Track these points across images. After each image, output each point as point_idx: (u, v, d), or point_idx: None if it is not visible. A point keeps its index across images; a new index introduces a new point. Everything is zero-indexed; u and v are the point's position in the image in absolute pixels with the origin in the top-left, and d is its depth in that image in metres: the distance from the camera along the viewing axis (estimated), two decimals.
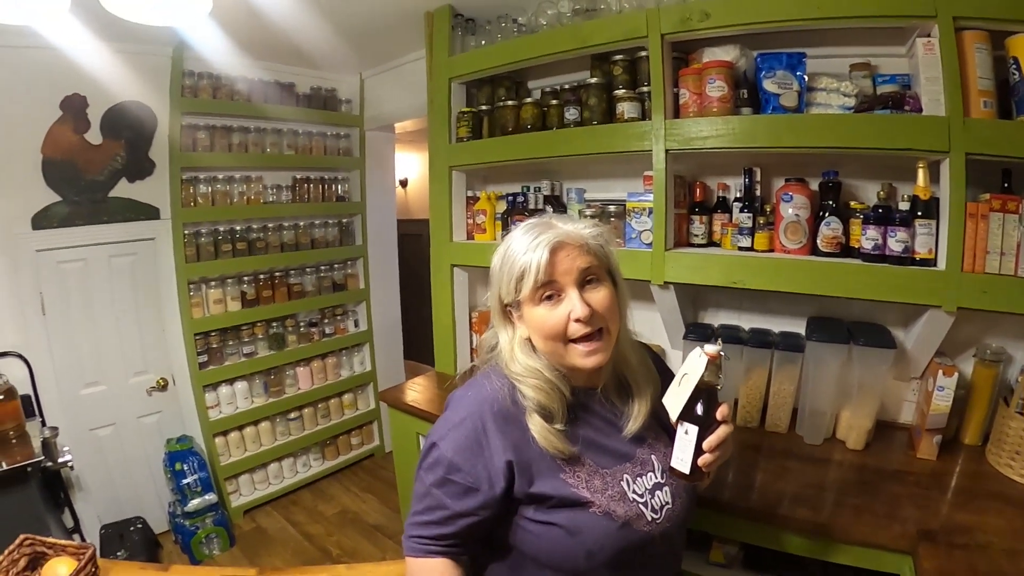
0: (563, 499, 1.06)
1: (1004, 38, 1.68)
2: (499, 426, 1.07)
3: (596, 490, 1.08)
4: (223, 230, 3.39)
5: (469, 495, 1.04)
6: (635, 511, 1.08)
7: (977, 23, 1.67)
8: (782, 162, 2.12)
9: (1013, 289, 1.65)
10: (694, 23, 1.94)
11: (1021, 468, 1.71)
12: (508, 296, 1.11)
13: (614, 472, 1.11)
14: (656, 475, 1.15)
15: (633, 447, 1.16)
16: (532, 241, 1.07)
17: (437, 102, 2.67)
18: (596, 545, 1.04)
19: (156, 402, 3.31)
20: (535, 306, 1.09)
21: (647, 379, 1.22)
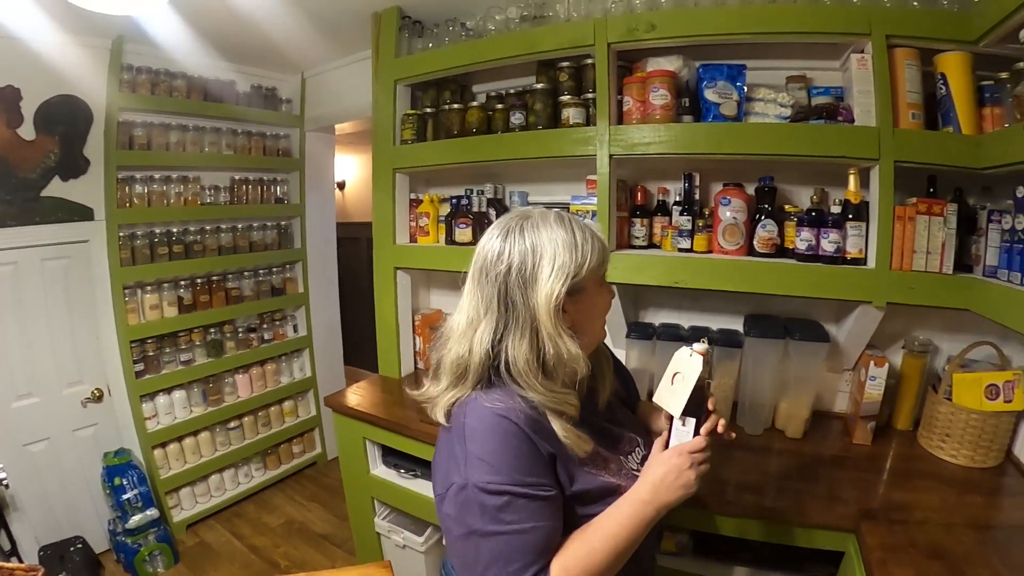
0: (601, 491, 1.09)
1: (933, 55, 1.82)
2: (536, 434, 1.03)
3: (614, 474, 1.13)
4: (159, 232, 3.27)
5: (547, 503, 1.01)
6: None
7: (908, 41, 1.80)
8: (721, 168, 2.22)
9: (938, 285, 1.79)
10: (640, 33, 2.00)
11: (951, 449, 1.85)
12: (590, 272, 1.10)
13: (616, 452, 1.18)
14: (641, 447, 1.24)
15: (616, 428, 1.25)
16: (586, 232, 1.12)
17: (382, 104, 2.66)
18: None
19: (92, 414, 3.17)
20: (602, 286, 1.15)
21: (607, 356, 1.33)
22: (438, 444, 1.16)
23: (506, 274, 1.07)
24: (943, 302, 1.80)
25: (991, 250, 1.70)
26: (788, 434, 2.07)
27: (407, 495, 2.46)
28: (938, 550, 1.39)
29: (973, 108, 1.76)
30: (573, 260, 1.06)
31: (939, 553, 1.38)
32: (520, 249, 1.07)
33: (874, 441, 2.00)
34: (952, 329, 2.07)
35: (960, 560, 1.35)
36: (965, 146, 1.75)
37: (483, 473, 0.99)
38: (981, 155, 1.71)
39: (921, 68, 1.83)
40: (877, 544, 1.43)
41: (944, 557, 1.36)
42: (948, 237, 1.77)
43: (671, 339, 2.16)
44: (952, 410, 1.84)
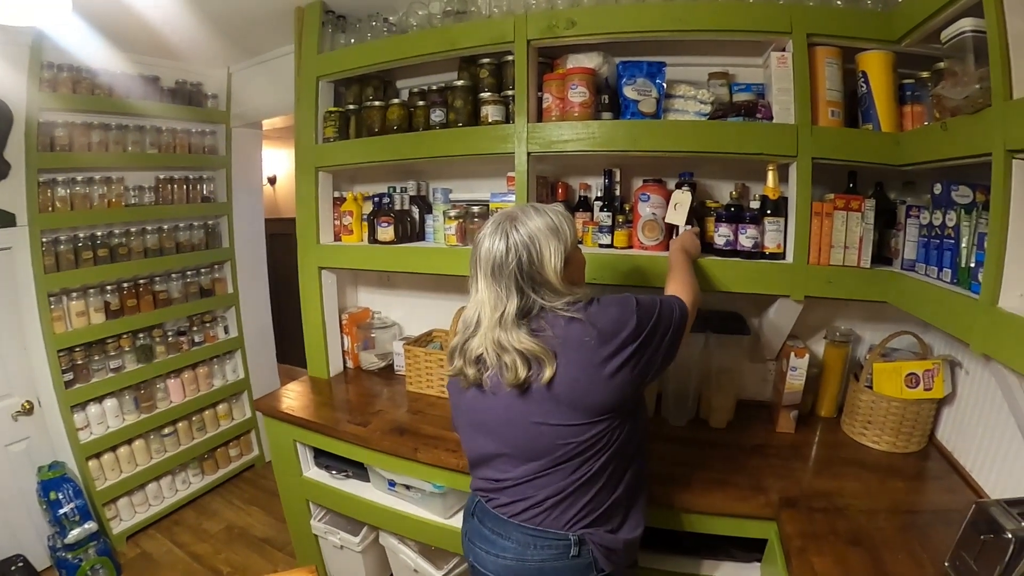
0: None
1: (855, 54, 1.84)
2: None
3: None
4: (84, 236, 3.14)
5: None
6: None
7: (830, 40, 1.83)
8: (641, 163, 2.23)
9: (856, 279, 1.83)
10: (560, 30, 1.99)
11: (874, 435, 1.92)
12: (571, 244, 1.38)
13: None
14: None
15: None
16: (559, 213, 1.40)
17: (304, 101, 2.60)
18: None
19: (23, 427, 3.04)
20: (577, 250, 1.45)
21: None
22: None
23: (518, 266, 1.31)
24: (861, 295, 1.84)
25: (909, 244, 1.76)
26: (712, 424, 2.12)
27: (340, 496, 2.44)
28: (858, 536, 1.44)
29: (894, 106, 1.80)
30: (560, 239, 1.34)
31: (859, 539, 1.42)
32: (523, 243, 1.31)
33: (797, 429, 2.05)
34: (874, 318, 2.13)
35: (880, 545, 1.40)
36: (884, 143, 1.79)
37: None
38: (900, 152, 1.76)
39: (842, 66, 1.86)
40: (797, 532, 1.47)
41: (864, 543, 1.41)
42: (866, 232, 1.81)
43: None
44: (873, 398, 1.90)
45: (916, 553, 1.36)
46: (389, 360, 2.91)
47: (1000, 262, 1.26)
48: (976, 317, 1.33)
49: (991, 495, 1.59)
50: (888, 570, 1.31)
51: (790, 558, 1.40)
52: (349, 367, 2.95)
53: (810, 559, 1.36)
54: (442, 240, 2.37)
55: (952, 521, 1.34)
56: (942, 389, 1.82)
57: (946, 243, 1.54)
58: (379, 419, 2.31)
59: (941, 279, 1.55)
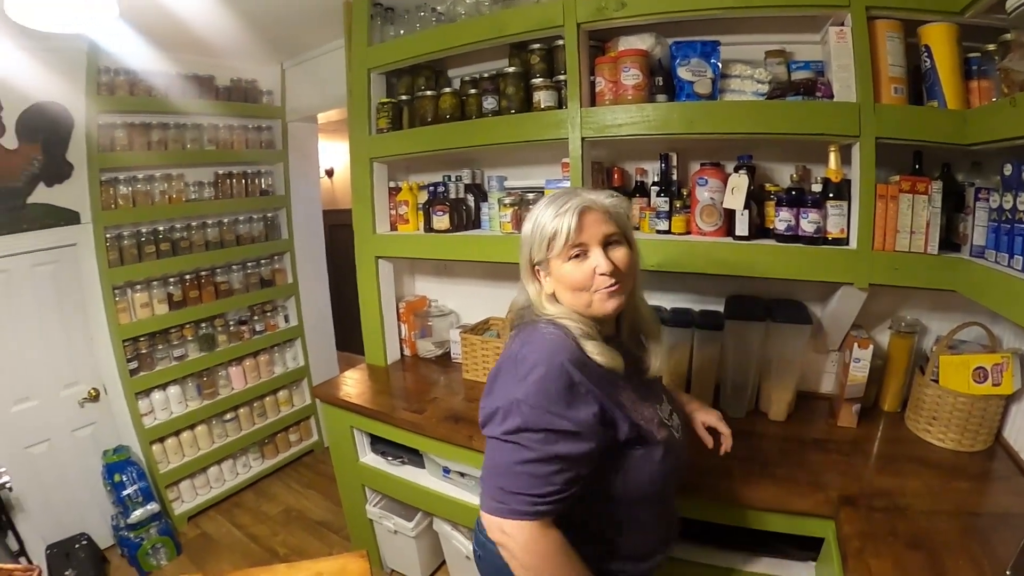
0: (637, 438, 1.20)
1: (917, 26, 1.74)
2: (580, 371, 1.14)
3: (648, 420, 1.24)
4: (146, 231, 3.27)
5: (577, 440, 1.10)
6: (670, 432, 1.29)
7: (889, 12, 1.73)
8: (698, 147, 2.17)
9: (923, 265, 1.73)
10: (610, 12, 1.95)
11: (939, 432, 1.81)
12: (539, 255, 1.24)
13: (652, 402, 1.30)
14: (668, 403, 1.38)
15: (651, 385, 1.38)
16: (562, 207, 1.20)
17: (356, 93, 2.62)
18: (663, 469, 1.24)
19: (89, 413, 3.19)
20: (564, 262, 1.21)
21: (659, 329, 1.42)
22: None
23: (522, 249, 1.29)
24: (928, 283, 1.74)
25: (979, 229, 1.64)
26: (771, 416, 2.06)
27: (396, 482, 2.48)
28: (918, 538, 1.37)
29: (959, 81, 1.69)
30: (526, 245, 1.27)
31: (919, 542, 1.35)
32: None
33: (859, 423, 1.97)
34: (941, 309, 2.03)
35: (940, 549, 1.32)
36: (951, 121, 1.68)
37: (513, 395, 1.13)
38: (968, 131, 1.65)
39: (904, 40, 1.76)
40: (855, 532, 1.41)
41: (924, 546, 1.34)
42: (933, 216, 1.71)
43: None
44: (939, 393, 1.80)
45: (977, 559, 1.29)
46: (446, 348, 2.93)
47: None
48: None
49: None
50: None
51: (847, 559, 1.34)
52: (406, 355, 2.98)
53: (867, 561, 1.30)
54: (497, 228, 2.36)
55: (1016, 526, 1.29)
56: (1011, 384, 1.71)
57: (1017, 228, 1.42)
58: (435, 406, 2.33)
59: (1012, 266, 1.44)
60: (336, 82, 3.02)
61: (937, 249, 1.73)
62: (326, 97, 3.50)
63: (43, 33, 1.99)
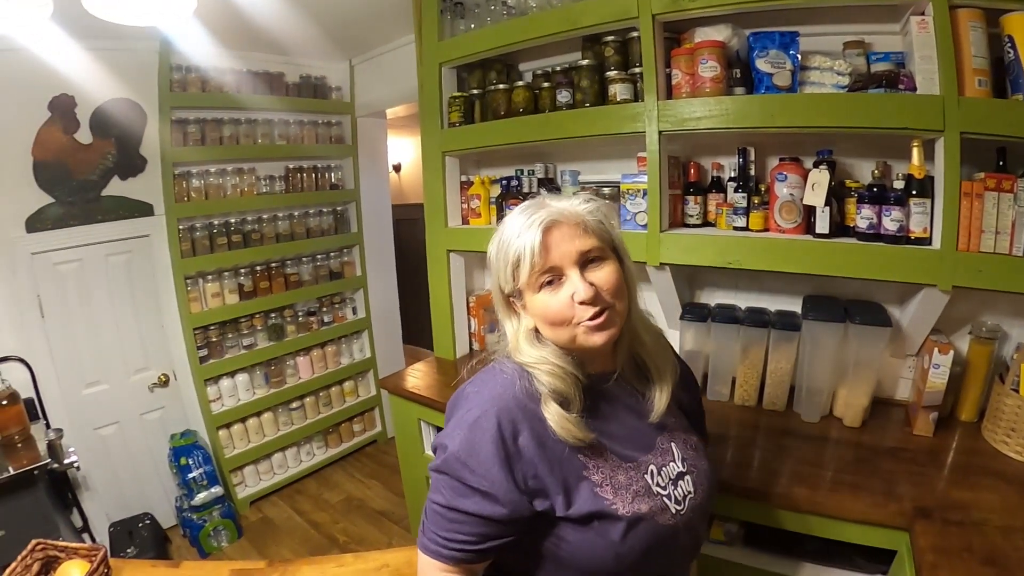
0: (594, 513, 0.99)
1: (999, 16, 1.66)
2: (517, 430, 0.98)
3: (620, 487, 1.02)
4: (218, 223, 3.38)
5: (485, 500, 0.95)
6: (659, 505, 1.03)
7: (971, 1, 1.65)
8: (776, 141, 2.11)
9: (1008, 268, 1.64)
10: (685, 3, 1.91)
11: (1017, 445, 1.72)
12: (507, 285, 1.05)
13: (638, 465, 1.06)
14: (678, 464, 1.11)
15: (655, 435, 1.12)
16: (524, 223, 1.00)
17: (428, 87, 2.64)
18: (625, 547, 0.99)
19: (158, 398, 3.33)
20: (535, 293, 1.02)
21: (665, 360, 1.17)
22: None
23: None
24: (1013, 287, 1.65)
25: None
26: (846, 422, 1.99)
27: None
28: (994, 556, 1.30)
29: None
30: (491, 270, 1.10)
31: (994, 559, 1.29)
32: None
33: (936, 433, 1.88)
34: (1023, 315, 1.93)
35: (1015, 567, 1.26)
36: None
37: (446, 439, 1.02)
38: None
39: (987, 30, 1.67)
40: (930, 546, 1.35)
41: (998, 563, 1.27)
42: (1019, 216, 1.63)
43: (726, 321, 2.11)
44: (1019, 403, 1.71)
45: None
46: None
47: None
48: None
49: None
50: None
51: (921, 573, 1.28)
52: (475, 349, 2.98)
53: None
54: None
55: None
56: None
57: None
58: None
59: None
60: (404, 77, 3.06)
61: (1023, 251, 1.64)
62: (394, 92, 3.56)
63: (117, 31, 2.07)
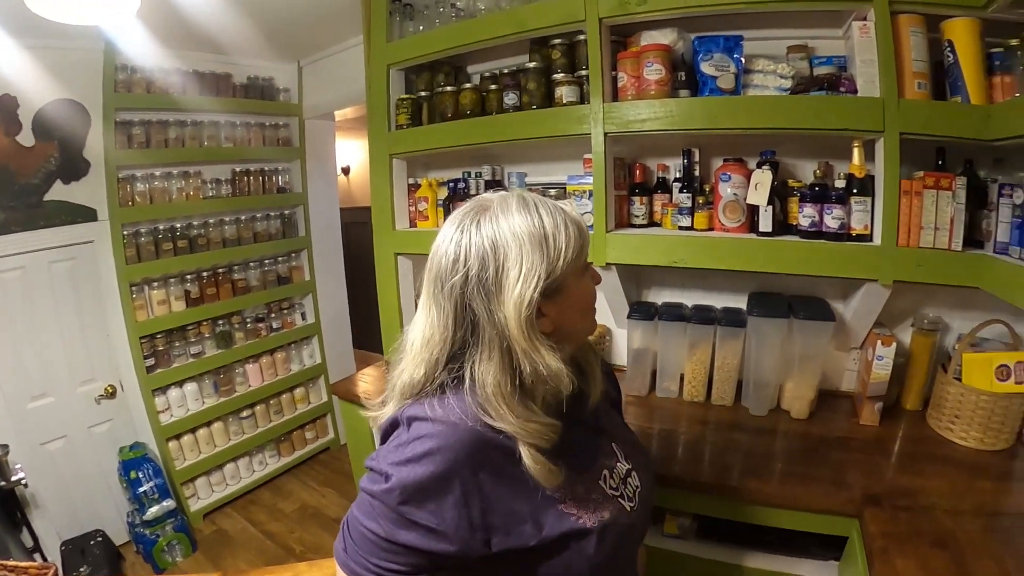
0: (567, 535, 0.93)
1: (939, 21, 1.73)
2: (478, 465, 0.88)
3: (580, 498, 0.97)
4: (163, 228, 3.29)
5: (431, 536, 0.86)
6: (617, 506, 1.01)
7: (912, 7, 1.72)
8: (720, 143, 2.15)
9: (947, 262, 1.72)
10: (632, 7, 1.94)
11: (961, 431, 1.79)
12: (571, 265, 0.93)
13: (592, 472, 1.03)
14: (623, 462, 1.10)
15: (597, 439, 1.10)
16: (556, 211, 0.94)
17: (375, 89, 2.62)
18: (600, 556, 0.95)
19: (106, 410, 3.22)
20: (582, 276, 0.98)
21: (593, 350, 1.16)
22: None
23: (463, 283, 0.89)
24: (952, 280, 1.73)
25: (1002, 226, 1.63)
26: (793, 415, 2.04)
27: None
28: (943, 538, 1.35)
29: (982, 76, 1.68)
30: (545, 256, 0.89)
31: (944, 542, 1.34)
32: (479, 251, 0.89)
33: (881, 422, 1.94)
34: (963, 306, 2.00)
35: (965, 549, 1.31)
36: (974, 117, 1.67)
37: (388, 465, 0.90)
38: (991, 126, 1.63)
39: (927, 35, 1.75)
40: (879, 531, 1.39)
41: (948, 546, 1.32)
42: (957, 212, 1.70)
43: (673, 319, 2.14)
44: (961, 391, 1.78)
45: (1002, 560, 1.27)
46: None
47: None
48: None
49: None
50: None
51: (872, 559, 1.33)
52: None
53: (893, 561, 1.29)
54: None
55: None
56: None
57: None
58: None
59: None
60: (353, 79, 3.03)
61: (961, 246, 1.71)
62: (343, 94, 3.52)
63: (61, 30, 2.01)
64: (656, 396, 2.25)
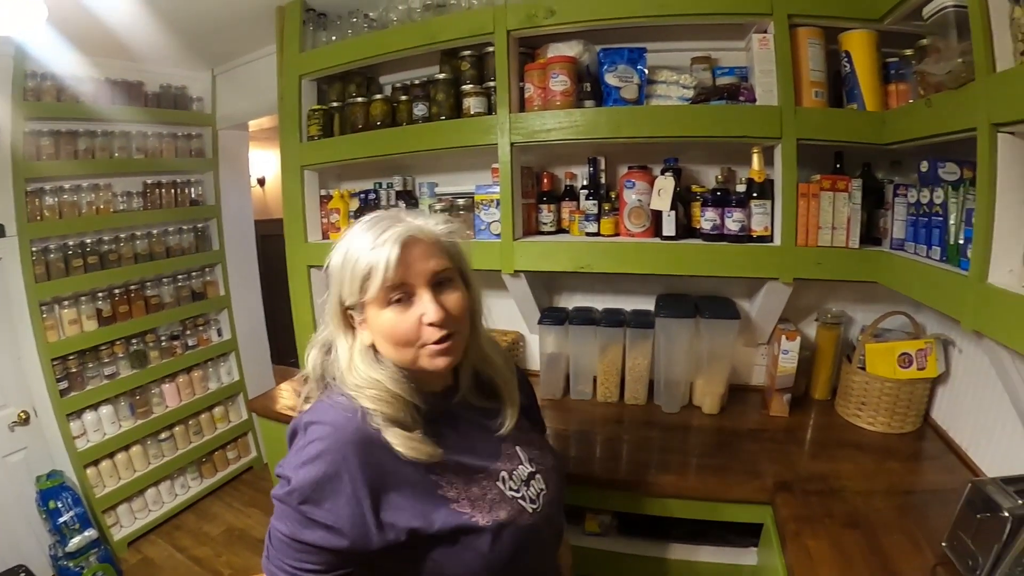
0: (457, 529, 0.98)
1: (838, 33, 1.83)
2: (364, 460, 0.94)
3: (476, 498, 1.02)
4: (73, 244, 3.14)
5: (330, 533, 0.92)
6: (516, 507, 1.05)
7: (811, 20, 1.82)
8: (625, 151, 2.22)
9: (845, 259, 1.83)
10: (539, 20, 1.98)
11: (868, 417, 1.91)
12: (351, 297, 1.00)
13: (489, 474, 1.07)
14: (527, 465, 1.13)
15: (499, 443, 1.14)
16: (380, 236, 0.97)
17: (288, 100, 2.59)
18: (494, 555, 0.99)
19: (20, 438, 3.03)
20: (382, 308, 0.99)
21: (512, 376, 1.21)
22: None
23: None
24: (850, 276, 1.84)
25: (898, 223, 1.74)
26: (705, 410, 2.11)
27: None
28: (855, 518, 1.43)
29: (878, 85, 1.80)
30: (337, 286, 1.03)
31: (855, 521, 1.42)
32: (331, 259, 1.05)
33: (791, 412, 2.04)
34: (865, 300, 2.13)
35: (876, 527, 1.39)
36: (869, 123, 1.78)
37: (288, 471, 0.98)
38: (886, 131, 1.75)
39: (826, 47, 1.85)
40: (791, 516, 1.46)
41: (860, 525, 1.40)
42: (853, 212, 1.80)
43: (584, 323, 2.19)
44: (866, 379, 1.89)
45: (913, 534, 1.36)
46: None
47: (988, 238, 1.24)
48: (966, 294, 1.31)
49: (987, 474, 1.58)
50: (885, 552, 1.30)
51: (785, 542, 1.39)
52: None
53: (805, 542, 1.35)
54: None
55: (949, 501, 1.32)
56: (936, 368, 1.81)
57: (934, 221, 1.52)
58: None
59: (930, 257, 1.53)
60: (267, 89, 2.97)
61: (859, 243, 1.82)
62: (257, 104, 3.43)
63: None
64: (571, 399, 2.30)
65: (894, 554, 1.30)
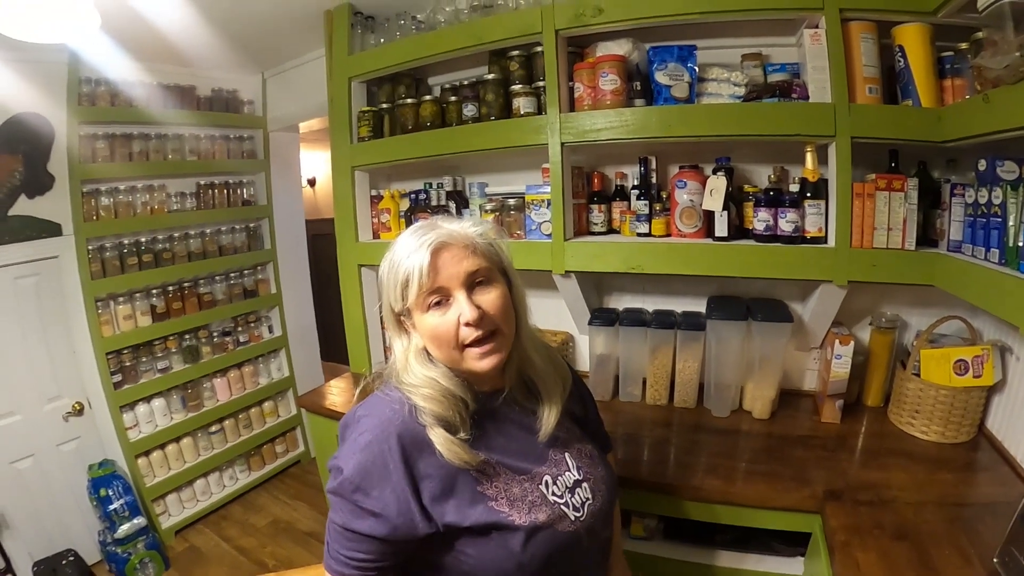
0: (491, 524, 1.01)
1: (891, 27, 1.78)
2: (407, 452, 0.99)
3: (515, 498, 1.04)
4: (128, 243, 3.24)
5: (378, 522, 0.96)
6: (557, 512, 1.06)
7: (863, 14, 1.77)
8: (676, 150, 2.19)
9: (901, 262, 1.77)
10: (587, 18, 1.97)
11: (922, 425, 1.84)
12: (397, 304, 1.06)
13: (532, 476, 1.08)
14: (574, 473, 1.13)
15: (547, 448, 1.14)
16: (415, 244, 1.02)
17: (337, 102, 2.63)
18: (527, 556, 1.01)
19: (74, 428, 3.15)
20: (424, 313, 1.04)
21: (554, 379, 1.19)
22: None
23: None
24: (906, 279, 1.78)
25: (955, 224, 1.68)
26: (755, 415, 2.08)
27: None
28: (905, 530, 1.38)
29: (933, 80, 1.73)
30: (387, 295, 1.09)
31: (905, 533, 1.37)
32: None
33: (843, 419, 1.99)
34: (920, 304, 2.06)
35: (926, 540, 1.34)
36: (925, 119, 1.72)
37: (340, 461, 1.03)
38: (942, 128, 1.68)
39: (879, 41, 1.80)
40: (841, 526, 1.42)
41: (910, 537, 1.35)
42: (909, 213, 1.75)
43: (634, 324, 2.17)
44: (921, 386, 1.83)
45: (964, 548, 1.31)
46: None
47: None
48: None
49: None
50: (934, 566, 1.26)
51: (833, 553, 1.35)
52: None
53: (854, 554, 1.31)
54: None
55: (1002, 514, 1.29)
56: (992, 376, 1.74)
57: (993, 222, 1.46)
58: None
59: (988, 260, 1.47)
60: (317, 91, 3.02)
61: (915, 245, 1.76)
62: (307, 106, 3.49)
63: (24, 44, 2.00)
64: (620, 400, 2.28)
65: (944, 568, 1.25)
